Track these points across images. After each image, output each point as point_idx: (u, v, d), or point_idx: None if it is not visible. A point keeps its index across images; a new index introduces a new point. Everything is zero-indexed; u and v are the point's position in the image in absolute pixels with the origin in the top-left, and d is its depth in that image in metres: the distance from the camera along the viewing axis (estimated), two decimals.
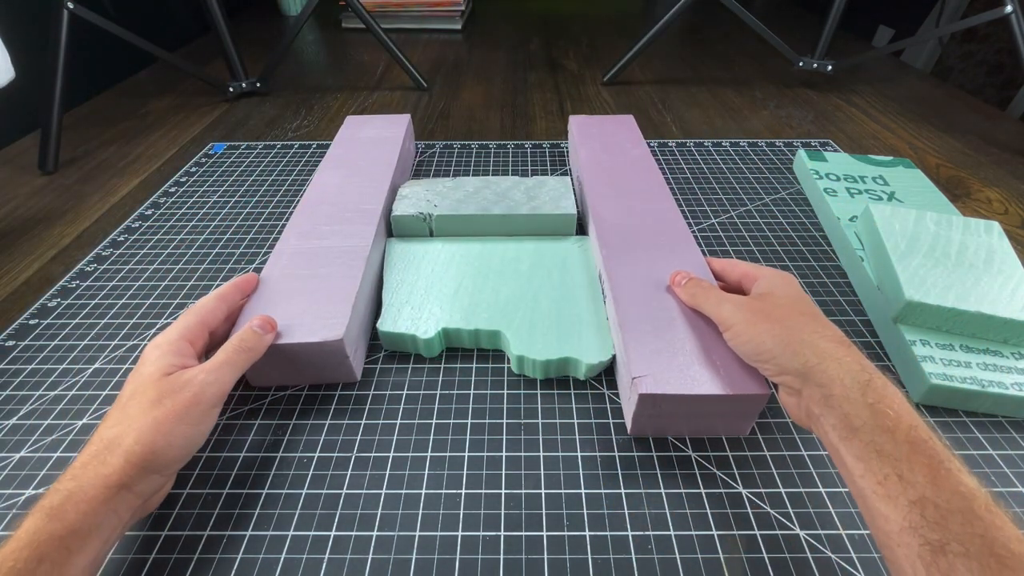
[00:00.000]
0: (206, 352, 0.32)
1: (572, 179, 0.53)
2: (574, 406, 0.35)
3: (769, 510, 0.29)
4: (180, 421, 0.26)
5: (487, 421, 0.34)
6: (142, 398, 0.27)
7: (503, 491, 0.30)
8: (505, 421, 0.34)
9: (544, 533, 0.28)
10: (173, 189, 0.58)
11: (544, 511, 0.29)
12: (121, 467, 0.24)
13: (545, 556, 0.27)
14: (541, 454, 0.32)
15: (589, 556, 0.27)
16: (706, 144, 0.66)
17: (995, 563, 0.18)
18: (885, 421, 0.23)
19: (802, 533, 0.28)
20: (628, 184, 0.48)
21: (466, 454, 0.32)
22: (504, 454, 0.32)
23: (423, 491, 0.30)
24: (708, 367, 0.31)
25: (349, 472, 0.31)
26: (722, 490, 0.30)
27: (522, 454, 0.32)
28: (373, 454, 0.32)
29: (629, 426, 0.32)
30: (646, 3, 1.33)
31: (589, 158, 0.52)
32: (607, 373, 0.36)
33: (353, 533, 0.28)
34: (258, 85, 0.81)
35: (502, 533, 0.28)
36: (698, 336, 0.33)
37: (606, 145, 0.54)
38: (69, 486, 0.23)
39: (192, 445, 0.28)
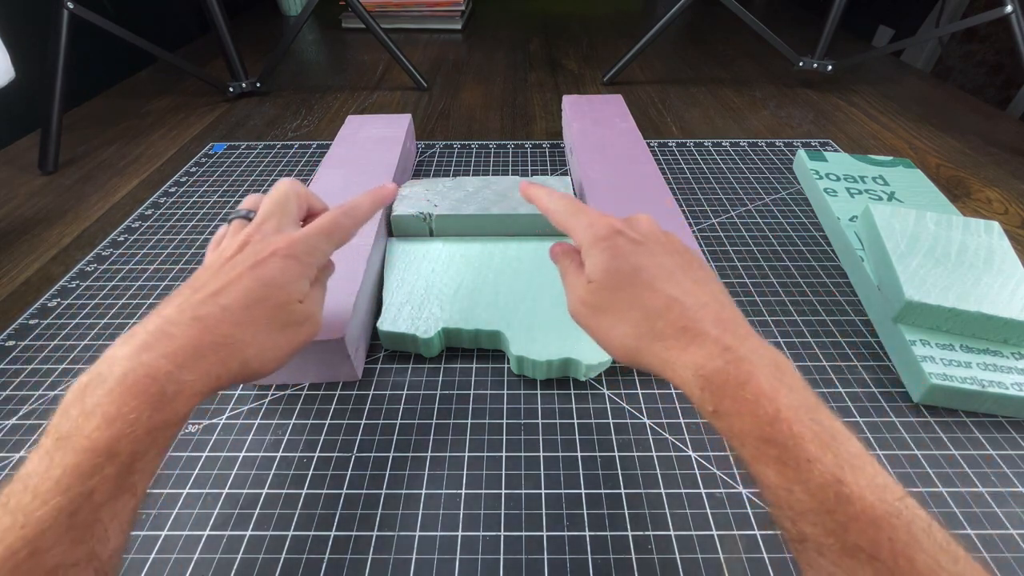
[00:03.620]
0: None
1: (566, 150, 0.58)
2: (574, 406, 0.35)
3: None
4: (292, 350, 0.26)
5: (487, 421, 0.34)
6: (271, 315, 0.24)
7: (503, 491, 0.30)
8: (505, 421, 0.34)
9: (544, 533, 0.28)
10: (173, 189, 0.58)
11: (544, 511, 0.29)
12: (229, 373, 0.23)
13: (545, 556, 0.27)
14: (541, 454, 0.32)
15: (589, 556, 0.27)
16: (706, 144, 0.66)
17: None
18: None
19: None
20: (615, 151, 0.53)
21: (466, 454, 0.32)
22: (504, 454, 0.32)
23: (423, 491, 0.30)
24: None
25: (349, 472, 0.31)
26: (722, 490, 0.30)
27: (522, 454, 0.32)
28: (373, 454, 0.32)
29: None
30: (646, 3, 1.32)
31: (580, 130, 0.57)
32: (607, 373, 0.36)
33: (353, 533, 0.28)
34: (258, 85, 0.81)
35: (502, 533, 0.28)
36: None
37: (596, 120, 0.59)
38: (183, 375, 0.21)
39: None
